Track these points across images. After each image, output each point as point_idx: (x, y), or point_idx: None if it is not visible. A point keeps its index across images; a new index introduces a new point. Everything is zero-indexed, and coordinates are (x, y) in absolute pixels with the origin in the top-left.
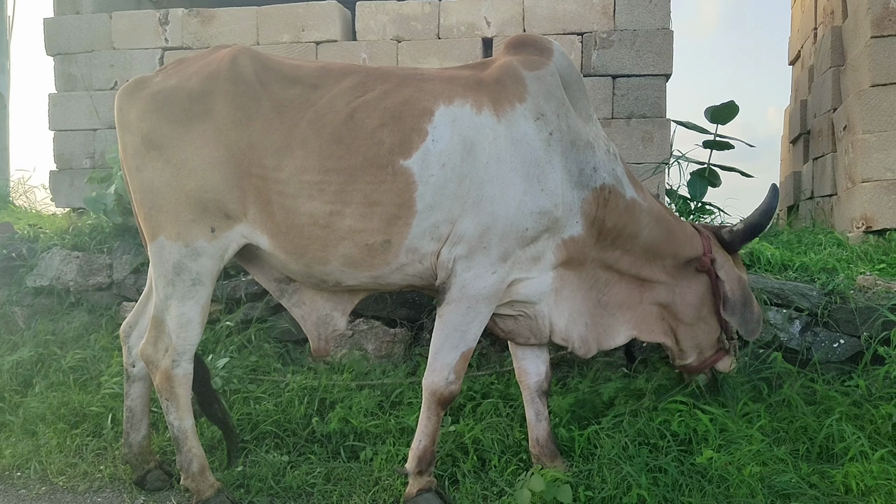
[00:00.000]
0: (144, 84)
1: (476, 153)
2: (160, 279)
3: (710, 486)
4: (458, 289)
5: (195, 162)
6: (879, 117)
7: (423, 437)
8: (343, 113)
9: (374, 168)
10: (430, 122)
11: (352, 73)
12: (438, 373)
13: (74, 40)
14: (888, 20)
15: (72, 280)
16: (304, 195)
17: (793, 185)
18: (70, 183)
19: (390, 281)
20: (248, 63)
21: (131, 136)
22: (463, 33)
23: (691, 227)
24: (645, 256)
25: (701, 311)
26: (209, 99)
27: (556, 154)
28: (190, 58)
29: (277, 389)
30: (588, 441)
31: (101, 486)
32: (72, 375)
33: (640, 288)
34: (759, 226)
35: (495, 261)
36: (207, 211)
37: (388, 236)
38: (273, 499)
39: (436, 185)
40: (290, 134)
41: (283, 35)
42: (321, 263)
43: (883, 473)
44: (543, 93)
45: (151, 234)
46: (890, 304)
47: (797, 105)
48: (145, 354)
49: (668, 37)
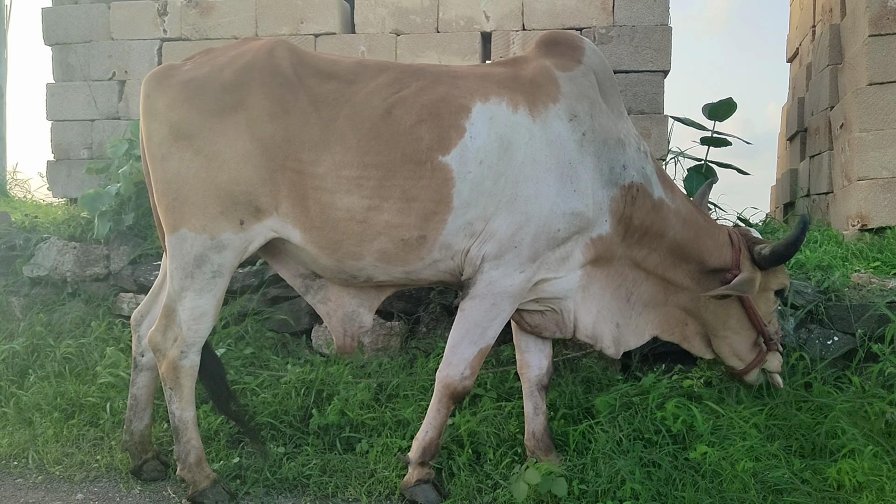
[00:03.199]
0: (173, 72)
1: (512, 152)
2: (178, 270)
3: (703, 480)
4: (485, 285)
5: (228, 154)
6: (876, 116)
7: (429, 429)
8: (381, 109)
9: (412, 164)
10: (468, 118)
11: (386, 69)
12: (454, 367)
13: (73, 30)
14: (886, 19)
15: (69, 270)
16: (342, 190)
17: (789, 182)
18: (67, 173)
19: (422, 276)
20: (286, 56)
21: (158, 124)
22: (462, 27)
23: (727, 235)
24: (671, 258)
25: (728, 322)
26: (243, 90)
27: (588, 154)
28: (219, 48)
29: (274, 381)
30: (582, 436)
31: (97, 476)
32: (67, 365)
33: (666, 289)
34: (783, 256)
35: (525, 260)
36: (238, 204)
37: (423, 231)
38: (269, 490)
39: (473, 182)
40: (327, 129)
41: (281, 27)
42: (355, 259)
43: (875, 470)
44: (576, 93)
45: (173, 225)
46: (885, 302)
47: (794, 102)
48: (153, 342)
49: (666, 33)
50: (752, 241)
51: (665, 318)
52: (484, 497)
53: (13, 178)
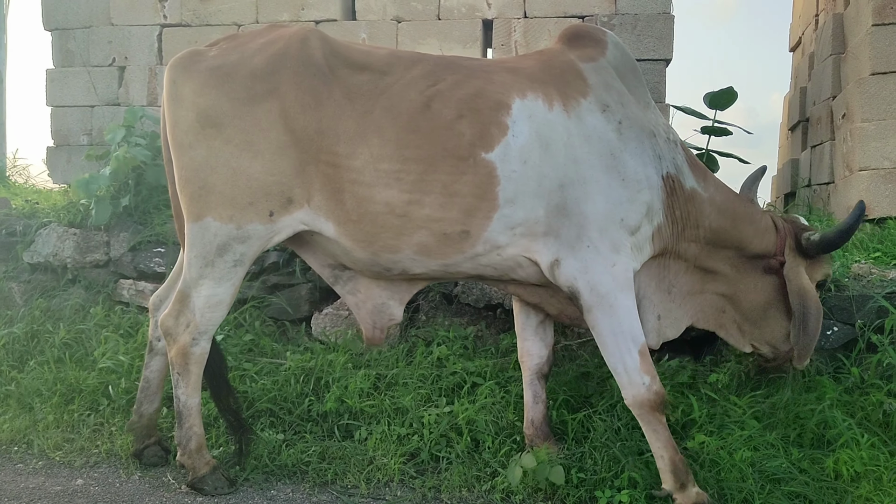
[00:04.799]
0: (200, 57)
1: (553, 152)
2: (197, 259)
3: (701, 470)
4: (588, 292)
5: (262, 145)
6: (878, 106)
7: (662, 452)
8: (418, 102)
9: (454, 159)
10: (509, 115)
11: (420, 61)
12: (633, 384)
13: (72, 15)
14: (890, 8)
15: (69, 257)
16: (381, 184)
17: (791, 172)
18: (67, 159)
19: (461, 270)
20: (319, 46)
21: (185, 111)
22: (463, 14)
23: (770, 221)
24: (708, 247)
25: (767, 311)
26: (274, 78)
27: (630, 141)
28: (245, 34)
29: (273, 368)
30: (581, 425)
31: (97, 462)
32: (67, 351)
33: (704, 277)
34: (834, 244)
35: (608, 253)
36: (270, 195)
37: (467, 227)
38: (268, 476)
39: (518, 181)
40: (363, 121)
41: (282, 13)
42: (392, 252)
43: (872, 460)
44: (603, 84)
45: (197, 213)
46: (885, 293)
47: (797, 92)
48: (165, 326)
49: (668, 21)
50: (800, 227)
51: (702, 306)
52: (482, 485)
53: (13, 164)
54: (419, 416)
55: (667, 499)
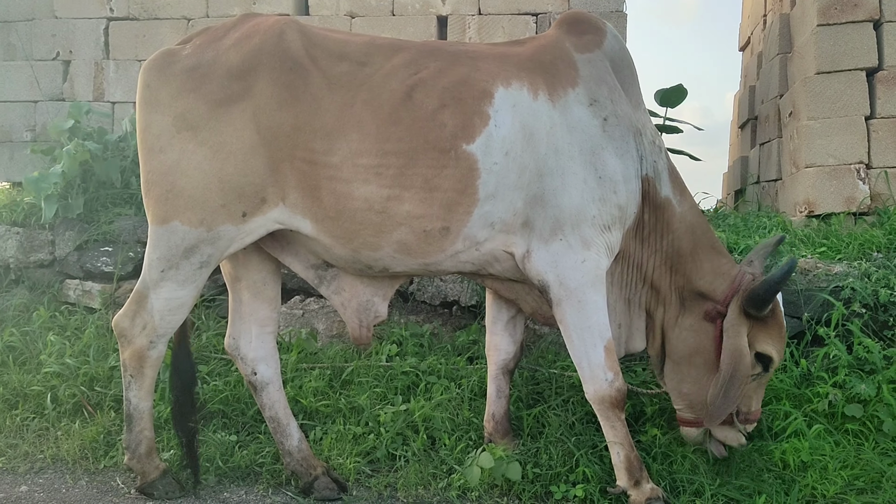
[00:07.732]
0: (174, 58)
1: (535, 142)
2: (160, 261)
3: (654, 463)
4: (557, 286)
5: (236, 145)
6: (823, 104)
7: (618, 448)
8: (399, 92)
9: (435, 151)
10: (491, 105)
11: (401, 48)
12: (595, 379)
13: (14, 8)
14: (834, 8)
15: (12, 256)
16: (360, 179)
17: (741, 169)
18: (10, 156)
19: (442, 268)
20: (297, 38)
21: (160, 115)
22: (418, 10)
23: (731, 268)
24: (665, 266)
25: (693, 358)
26: (251, 76)
27: (613, 139)
28: (218, 27)
29: (225, 369)
30: (536, 420)
31: (42, 468)
32: (11, 354)
33: (655, 298)
34: (761, 298)
35: (579, 248)
36: (243, 196)
37: (447, 223)
38: (221, 479)
39: (499, 174)
40: (342, 115)
41: (233, 8)
42: (372, 249)
43: (818, 450)
44: (595, 77)
45: (163, 217)
46: (830, 287)
47: (746, 91)
48: (119, 327)
49: (621, 20)
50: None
51: (649, 328)
52: (438, 483)
53: None
54: (375, 414)
55: (621, 496)
